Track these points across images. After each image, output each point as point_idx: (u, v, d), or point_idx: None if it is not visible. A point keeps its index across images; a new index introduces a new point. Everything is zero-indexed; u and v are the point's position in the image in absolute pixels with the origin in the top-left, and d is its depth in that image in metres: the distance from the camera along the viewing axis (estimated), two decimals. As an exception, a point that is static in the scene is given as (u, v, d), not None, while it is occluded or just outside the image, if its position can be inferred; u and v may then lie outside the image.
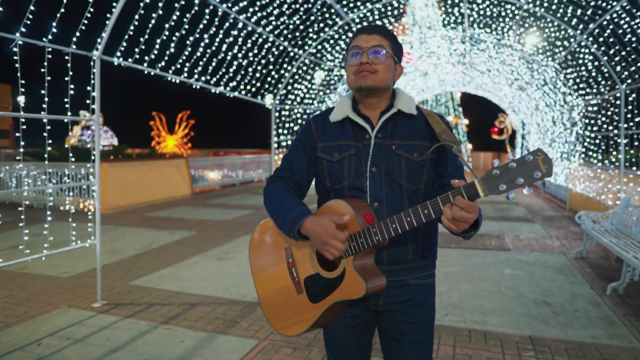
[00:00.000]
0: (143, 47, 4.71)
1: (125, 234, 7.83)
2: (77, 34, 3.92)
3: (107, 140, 36.24)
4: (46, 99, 3.70)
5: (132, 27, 4.55)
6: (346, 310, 1.70)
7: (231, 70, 7.10)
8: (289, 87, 9.56)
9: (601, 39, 7.37)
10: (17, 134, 3.75)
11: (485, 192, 1.33)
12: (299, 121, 10.46)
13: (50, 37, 3.72)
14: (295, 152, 1.77)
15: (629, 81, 7.21)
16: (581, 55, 8.37)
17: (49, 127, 3.81)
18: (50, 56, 3.79)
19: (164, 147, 33.75)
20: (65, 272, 5.42)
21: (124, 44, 4.47)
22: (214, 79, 6.73)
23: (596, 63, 7.98)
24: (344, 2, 8.22)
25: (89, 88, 4.19)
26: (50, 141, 3.87)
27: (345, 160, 1.67)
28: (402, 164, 1.63)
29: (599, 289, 4.84)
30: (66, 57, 3.87)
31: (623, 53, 7.15)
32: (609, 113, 8.13)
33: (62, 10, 3.74)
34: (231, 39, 6.58)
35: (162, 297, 4.58)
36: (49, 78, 3.71)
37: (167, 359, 3.29)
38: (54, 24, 3.71)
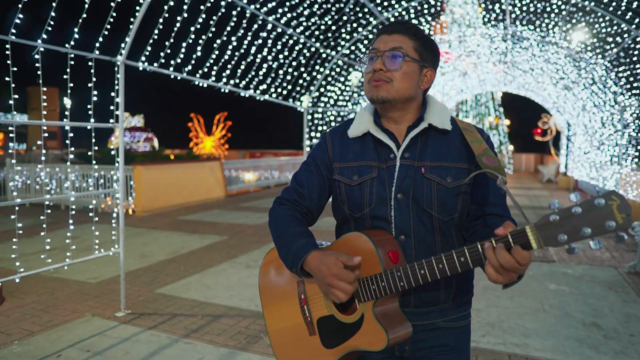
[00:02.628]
0: (169, 51, 4.63)
1: (157, 237, 7.85)
2: (100, 39, 3.86)
3: (148, 142, 37.28)
4: (68, 106, 3.65)
5: (156, 31, 4.47)
6: (366, 355, 1.47)
7: (261, 72, 6.97)
8: (322, 89, 9.37)
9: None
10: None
11: (540, 243, 1.06)
12: (333, 124, 10.26)
13: (72, 43, 3.67)
14: (306, 172, 1.53)
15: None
16: (636, 52, 7.77)
17: (72, 135, 3.76)
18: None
19: (202, 148, 34.35)
20: (94, 278, 5.42)
21: (149, 48, 4.39)
22: (243, 82, 6.61)
23: (653, 60, 7.39)
24: (378, 1, 7.95)
25: (114, 93, 4.14)
26: (72, 148, 3.82)
27: (365, 185, 1.42)
28: (432, 190, 1.36)
29: (657, 310, 4.40)
30: (89, 63, 3.82)
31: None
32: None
33: (85, 15, 3.68)
34: (260, 40, 6.44)
35: (187, 307, 4.47)
36: (71, 85, 3.66)
37: (185, 378, 3.16)
38: (76, 29, 3.65)
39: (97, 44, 3.86)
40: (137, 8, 3.98)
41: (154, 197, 10.86)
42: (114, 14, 3.88)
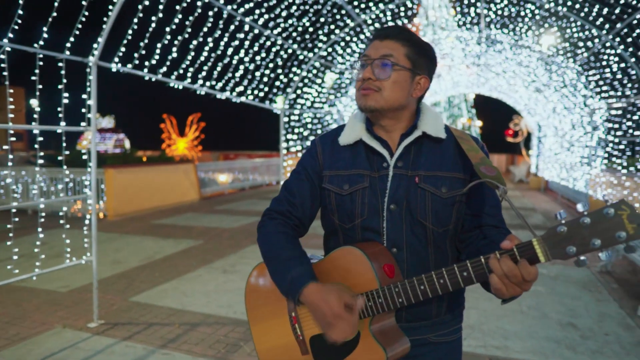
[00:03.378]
0: (143, 52, 4.48)
1: (129, 242, 7.63)
2: (72, 39, 3.70)
3: (119, 144, 36.47)
4: (37, 109, 3.48)
5: (130, 31, 4.32)
6: None
7: (237, 74, 6.85)
8: (298, 91, 9.30)
9: (629, 39, 6.98)
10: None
11: (547, 255, 1.02)
12: (309, 126, 10.20)
13: (42, 42, 3.50)
14: (297, 180, 1.47)
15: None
16: (605, 57, 7.99)
17: (41, 139, 3.59)
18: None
19: (175, 150, 33.77)
20: (65, 286, 5.21)
21: (123, 49, 4.25)
22: (220, 84, 6.49)
23: (622, 65, 7.60)
24: (355, 3, 7.93)
25: (90, 95, 3.98)
26: (42, 153, 3.65)
27: (357, 194, 1.37)
28: (427, 201, 1.32)
29: (629, 309, 4.51)
30: (59, 64, 3.65)
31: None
32: (635, 117, 7.73)
33: (55, 14, 3.52)
34: (237, 42, 6.33)
35: (163, 316, 4.34)
36: (40, 86, 3.49)
37: (163, 391, 3.05)
38: (46, 29, 3.49)
39: (68, 44, 3.70)
40: (110, 7, 3.84)
41: (126, 201, 10.57)
42: (86, 13, 3.72)
